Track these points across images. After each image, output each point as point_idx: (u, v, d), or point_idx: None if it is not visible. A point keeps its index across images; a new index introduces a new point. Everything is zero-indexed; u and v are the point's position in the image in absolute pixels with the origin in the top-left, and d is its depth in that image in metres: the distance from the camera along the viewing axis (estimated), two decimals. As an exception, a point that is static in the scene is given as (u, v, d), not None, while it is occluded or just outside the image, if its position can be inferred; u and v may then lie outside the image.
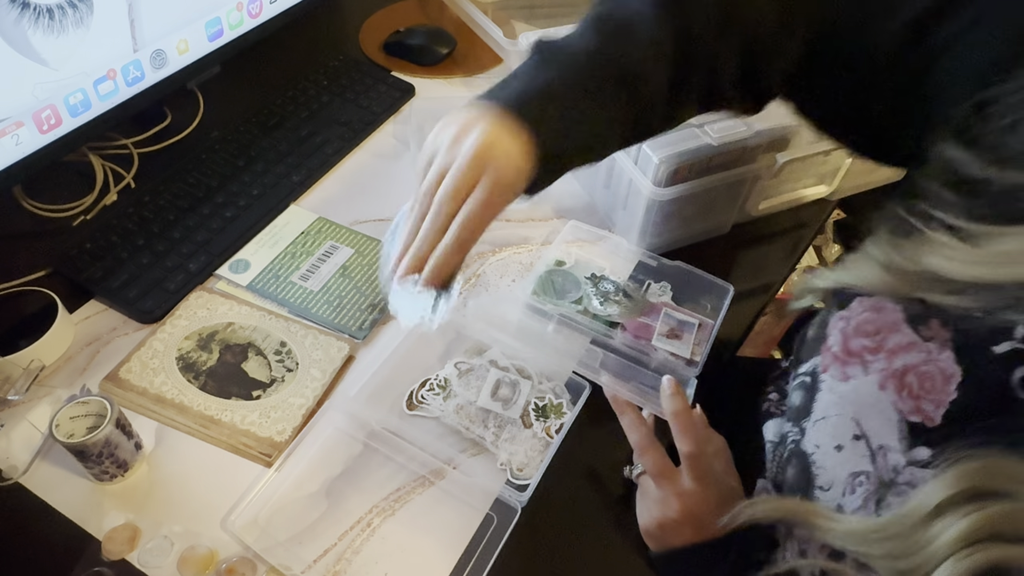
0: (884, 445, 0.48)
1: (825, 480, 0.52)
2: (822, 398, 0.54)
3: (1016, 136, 0.44)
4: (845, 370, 0.53)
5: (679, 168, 0.77)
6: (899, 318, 0.50)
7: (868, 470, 0.49)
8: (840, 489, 0.50)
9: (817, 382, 0.55)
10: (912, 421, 0.47)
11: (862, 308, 0.53)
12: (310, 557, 0.60)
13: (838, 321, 0.54)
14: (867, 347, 0.51)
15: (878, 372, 0.50)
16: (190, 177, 0.87)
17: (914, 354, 0.48)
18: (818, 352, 0.55)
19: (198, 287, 0.77)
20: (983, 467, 0.41)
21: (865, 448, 0.49)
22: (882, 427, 0.49)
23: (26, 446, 0.64)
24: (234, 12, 0.89)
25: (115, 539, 0.59)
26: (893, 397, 0.49)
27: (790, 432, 0.56)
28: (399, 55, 1.10)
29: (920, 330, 0.49)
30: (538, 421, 0.68)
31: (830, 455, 0.52)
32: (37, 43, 0.68)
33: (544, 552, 0.62)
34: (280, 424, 0.67)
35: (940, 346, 0.47)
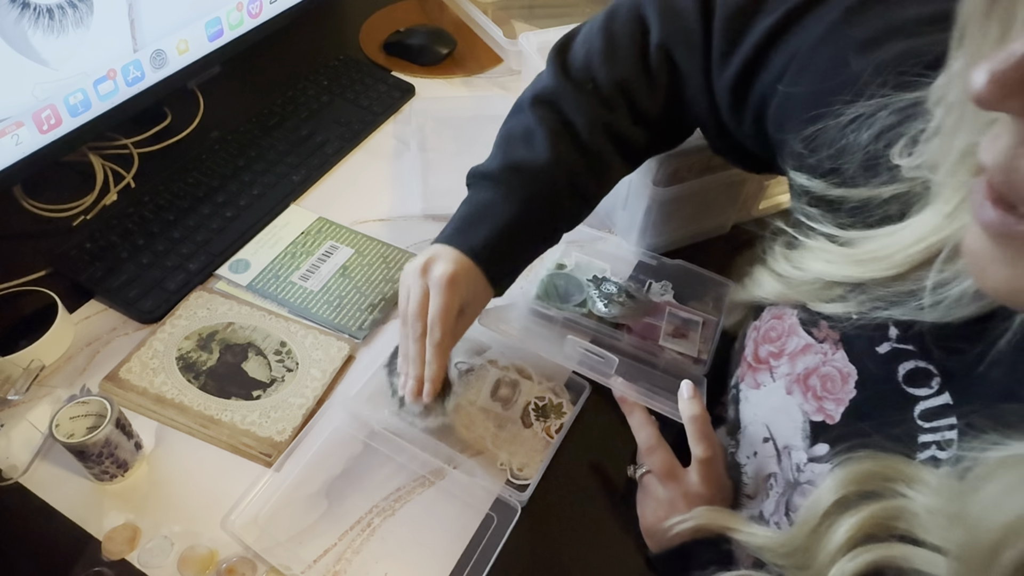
0: (789, 445, 0.51)
1: (752, 489, 0.54)
2: (744, 409, 0.57)
3: (844, 160, 0.48)
4: (756, 377, 0.56)
5: (679, 168, 0.77)
6: (794, 322, 0.53)
7: (775, 471, 0.51)
8: (761, 497, 0.52)
9: (739, 393, 0.58)
10: (815, 421, 0.50)
11: (769, 316, 0.56)
12: (310, 557, 0.60)
13: (751, 331, 0.58)
14: (772, 352, 0.54)
15: (784, 377, 0.53)
16: (190, 177, 0.87)
17: (811, 356, 0.51)
18: (739, 364, 0.59)
19: (198, 287, 0.77)
20: (860, 470, 0.42)
21: (772, 449, 0.52)
22: (787, 428, 0.51)
23: (26, 446, 0.64)
24: (234, 12, 0.89)
25: (115, 539, 0.59)
26: (799, 400, 0.51)
27: (729, 445, 0.59)
28: (399, 55, 1.10)
29: (812, 332, 0.51)
30: (538, 421, 0.68)
31: (751, 462, 0.55)
32: (37, 43, 0.68)
33: (544, 552, 0.62)
34: (280, 424, 0.67)
35: (832, 346, 0.50)
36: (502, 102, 1.02)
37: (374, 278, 0.80)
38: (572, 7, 1.20)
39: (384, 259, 0.82)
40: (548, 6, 1.21)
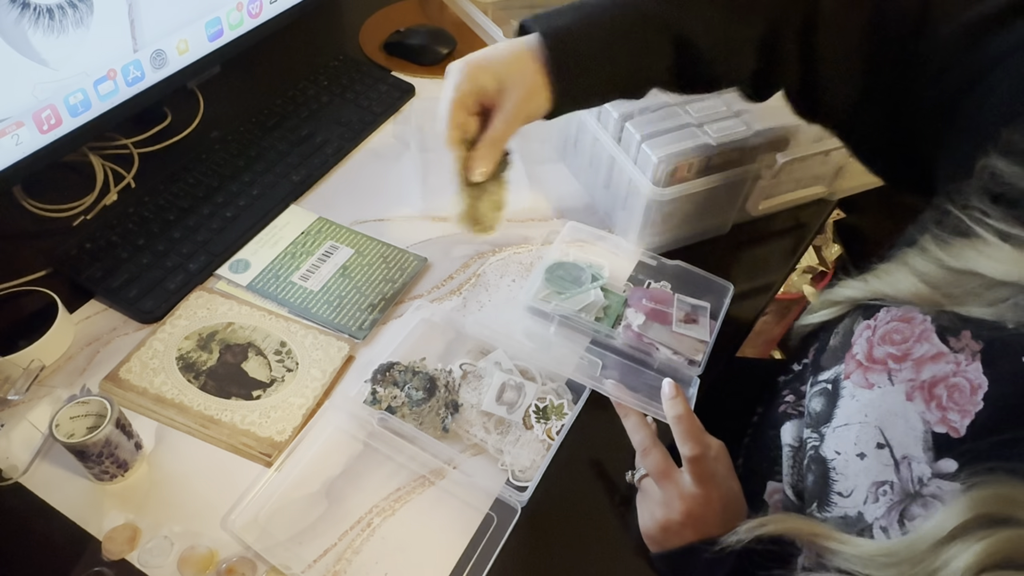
0: (908, 455, 0.48)
1: (845, 487, 0.51)
2: (844, 404, 0.54)
3: None
4: (868, 377, 0.52)
5: (678, 168, 0.77)
6: (928, 328, 0.50)
7: (892, 480, 0.48)
8: (861, 496, 0.50)
9: (839, 388, 0.55)
10: (937, 432, 0.47)
11: (889, 317, 0.53)
12: (310, 557, 0.60)
13: (864, 329, 0.54)
14: (892, 355, 0.51)
15: (905, 382, 0.50)
16: (190, 177, 0.87)
17: (942, 365, 0.48)
18: (841, 360, 0.55)
19: (198, 287, 0.77)
20: (995, 494, 0.41)
21: (889, 457, 0.49)
22: (906, 437, 0.48)
23: (26, 446, 0.64)
24: (234, 12, 0.89)
25: (115, 539, 0.59)
26: (921, 408, 0.48)
27: (809, 438, 0.56)
28: (399, 55, 1.10)
29: (950, 341, 0.48)
30: (539, 423, 0.68)
31: (852, 462, 0.51)
32: (37, 43, 0.68)
33: (544, 552, 0.62)
34: (280, 424, 0.67)
35: (969, 357, 0.47)
36: (502, 102, 1.03)
37: (374, 278, 0.80)
38: (572, 7, 1.20)
39: (384, 259, 0.82)
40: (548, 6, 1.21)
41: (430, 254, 0.83)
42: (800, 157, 0.81)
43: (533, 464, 0.66)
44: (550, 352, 0.74)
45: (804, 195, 0.91)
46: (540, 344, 0.74)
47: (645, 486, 0.62)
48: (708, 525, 0.57)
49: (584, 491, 0.66)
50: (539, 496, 0.64)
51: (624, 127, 0.80)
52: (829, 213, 0.97)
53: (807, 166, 0.85)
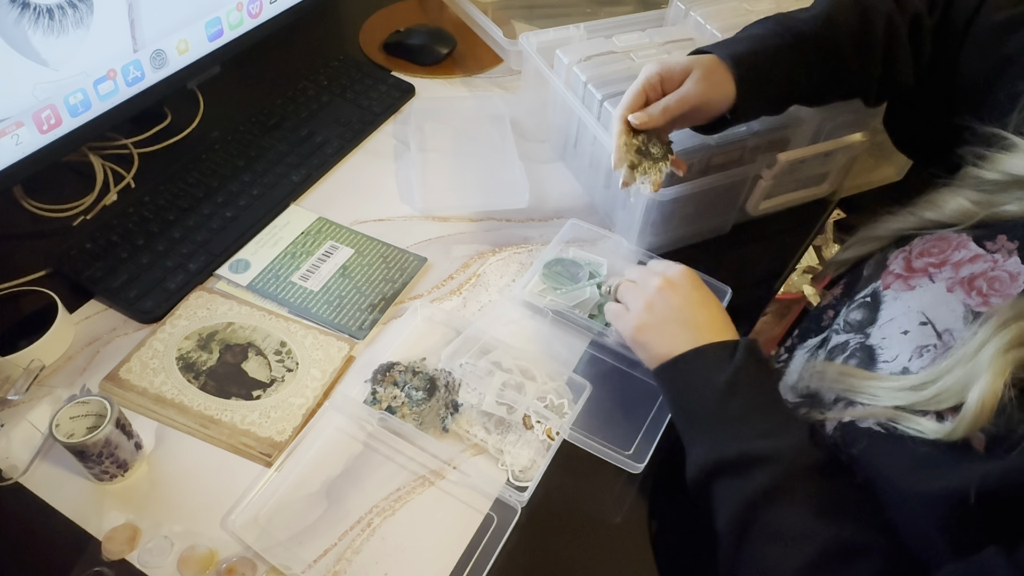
0: (949, 328, 0.52)
1: (889, 355, 0.54)
2: (887, 307, 0.58)
3: None
4: (910, 282, 0.57)
5: (679, 168, 0.77)
6: (964, 239, 0.55)
7: (935, 343, 0.52)
8: (906, 356, 0.53)
9: (880, 297, 0.59)
10: (978, 311, 0.51)
11: (924, 240, 0.58)
12: (310, 557, 0.60)
13: (899, 253, 0.60)
14: (931, 263, 0.56)
15: (945, 280, 0.54)
16: (190, 177, 0.87)
17: (980, 264, 0.53)
18: (877, 279, 0.60)
19: (198, 287, 0.77)
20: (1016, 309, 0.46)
21: (931, 331, 0.53)
22: (948, 316, 0.53)
23: (26, 446, 0.64)
24: (234, 12, 0.89)
25: (115, 539, 0.59)
26: (962, 296, 0.53)
27: (853, 338, 0.59)
28: (399, 55, 1.10)
29: (986, 245, 0.54)
30: (539, 423, 0.68)
31: (895, 339, 0.55)
32: (37, 43, 0.68)
33: (544, 552, 0.62)
34: (280, 424, 0.67)
35: (1006, 255, 0.52)
36: (502, 102, 1.03)
37: (374, 278, 0.80)
38: (572, 7, 1.20)
39: (384, 259, 0.82)
40: (548, 6, 1.21)
41: (430, 254, 0.83)
42: (800, 157, 0.81)
43: (533, 464, 0.66)
44: (549, 349, 0.74)
45: (804, 195, 0.91)
46: (540, 341, 0.74)
47: (622, 292, 0.68)
48: (695, 295, 0.63)
49: (584, 492, 0.66)
50: (539, 496, 0.64)
51: (624, 127, 0.79)
52: (829, 213, 0.97)
53: (807, 166, 0.85)
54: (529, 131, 1.00)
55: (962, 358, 0.47)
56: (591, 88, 0.83)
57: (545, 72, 0.90)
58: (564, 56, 0.87)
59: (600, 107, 0.82)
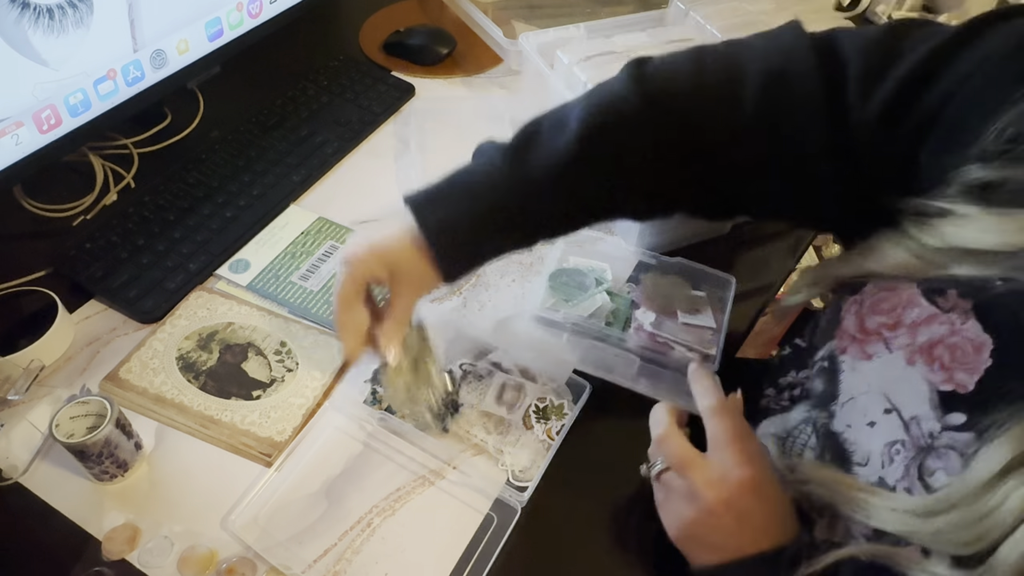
0: (916, 415, 0.48)
1: (861, 456, 0.51)
2: (846, 379, 0.54)
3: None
4: (865, 348, 0.53)
5: (679, 168, 0.77)
6: (914, 292, 0.50)
7: (903, 438, 0.48)
8: (878, 461, 0.49)
9: (837, 364, 0.55)
10: (943, 391, 0.47)
11: (876, 289, 0.53)
12: (310, 557, 0.60)
13: (851, 304, 0.55)
14: (884, 324, 0.52)
15: (903, 348, 0.50)
16: (190, 177, 0.87)
17: (936, 327, 0.49)
18: (832, 337, 0.56)
19: (198, 287, 0.77)
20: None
21: (897, 419, 0.49)
22: (912, 399, 0.49)
23: (26, 446, 0.64)
24: (234, 12, 0.89)
25: (115, 539, 0.59)
26: (923, 370, 0.49)
27: (818, 417, 0.56)
28: (399, 55, 1.10)
29: (938, 302, 0.49)
30: (539, 423, 0.68)
31: (863, 431, 0.51)
32: (37, 43, 0.68)
33: (544, 552, 0.62)
34: (280, 424, 0.67)
35: (962, 316, 0.48)
36: (502, 102, 1.03)
37: (374, 278, 0.80)
38: (572, 7, 1.20)
39: (384, 259, 0.82)
40: (548, 6, 1.21)
41: (430, 254, 0.83)
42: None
43: (533, 464, 0.66)
44: (560, 361, 0.73)
45: (804, 195, 0.91)
46: (551, 354, 0.73)
47: (666, 480, 0.56)
48: (751, 515, 0.52)
49: (584, 491, 0.66)
50: (539, 496, 0.64)
51: (624, 127, 0.79)
52: (829, 213, 0.96)
53: (807, 166, 0.85)
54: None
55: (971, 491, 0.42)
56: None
57: (545, 72, 0.90)
58: (564, 56, 0.87)
59: (600, 107, 0.82)
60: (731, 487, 0.52)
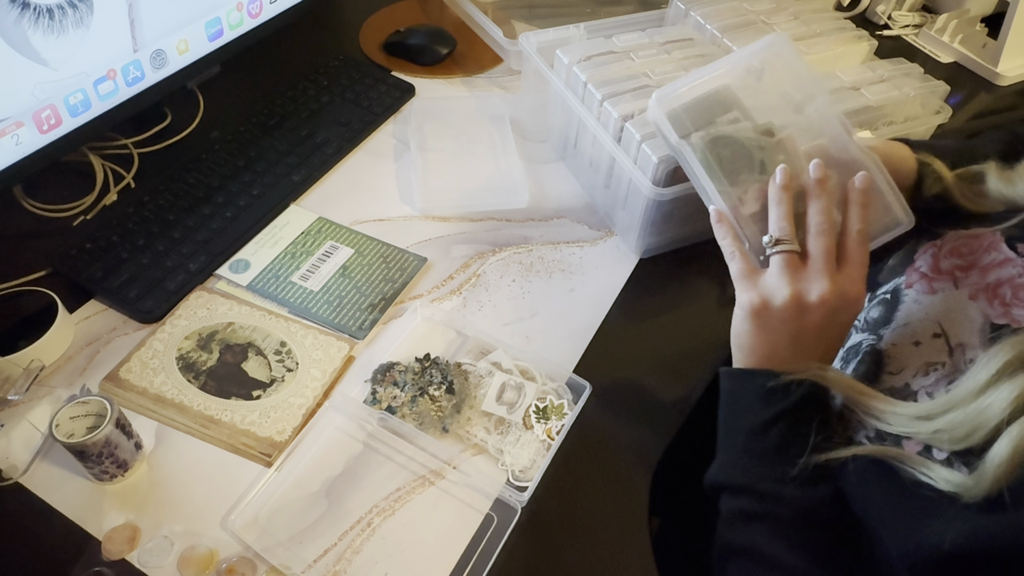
0: (963, 343, 0.50)
1: (895, 367, 0.53)
2: (905, 308, 0.56)
3: None
4: (933, 285, 0.55)
5: (679, 168, 0.77)
6: (997, 239, 0.53)
7: (944, 361, 0.50)
8: (911, 372, 0.52)
9: (900, 296, 0.57)
10: (997, 323, 0.49)
11: (957, 236, 0.56)
12: (310, 557, 0.60)
13: (929, 247, 0.57)
14: (959, 265, 0.54)
15: (970, 286, 0.52)
16: (190, 177, 0.87)
17: (1008, 269, 0.51)
18: (901, 274, 0.58)
19: (198, 287, 0.77)
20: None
21: (944, 344, 0.51)
22: (964, 329, 0.51)
23: (26, 446, 0.64)
24: (234, 12, 0.89)
25: (115, 539, 0.59)
26: (983, 305, 0.51)
27: (865, 339, 0.58)
28: (399, 55, 1.10)
29: (1018, 248, 0.51)
30: (539, 423, 0.68)
31: (906, 348, 0.53)
32: (37, 43, 0.68)
33: (544, 552, 0.62)
34: (280, 424, 0.67)
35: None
36: (502, 102, 1.03)
37: (374, 278, 0.80)
38: (572, 7, 1.20)
39: (384, 259, 0.82)
40: (548, 6, 1.21)
41: (430, 254, 0.83)
42: (800, 157, 0.81)
43: (533, 464, 0.66)
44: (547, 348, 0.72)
45: (804, 195, 0.91)
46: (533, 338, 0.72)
47: (784, 263, 0.54)
48: (826, 334, 0.53)
49: (584, 491, 0.66)
50: (539, 496, 0.64)
51: (624, 127, 0.80)
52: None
53: (807, 166, 0.85)
54: (529, 131, 1.00)
55: (969, 393, 0.45)
56: (591, 88, 0.83)
57: (545, 72, 0.91)
58: (564, 56, 0.87)
59: (600, 107, 0.82)
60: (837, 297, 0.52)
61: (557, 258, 0.85)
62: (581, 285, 0.82)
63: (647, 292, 0.83)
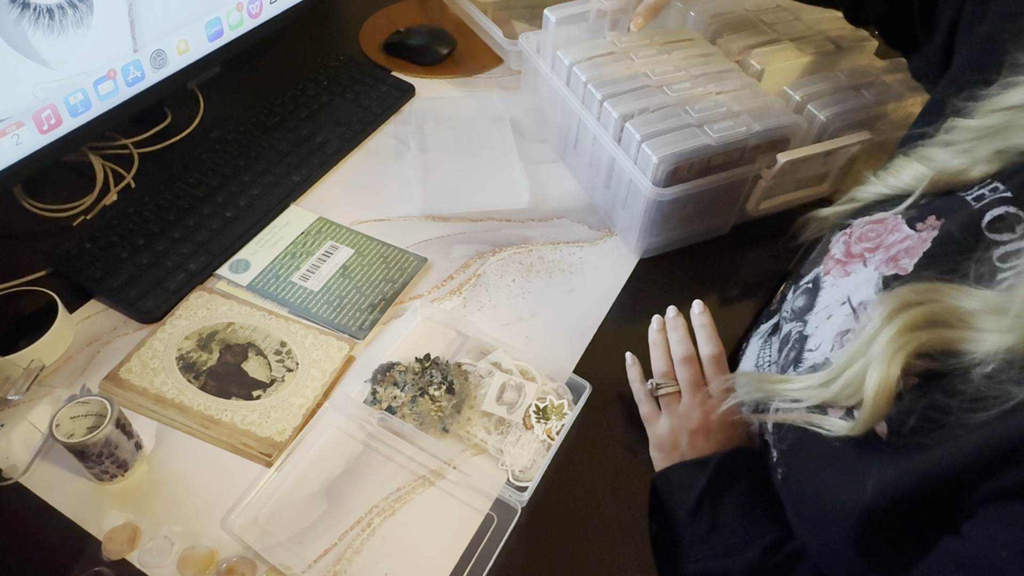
0: (864, 301, 0.54)
1: (814, 343, 0.57)
2: (824, 294, 0.60)
3: None
4: (846, 268, 0.59)
5: (679, 168, 0.77)
6: (899, 221, 0.57)
7: (853, 327, 0.54)
8: (828, 346, 0.55)
9: (819, 283, 0.61)
10: (887, 275, 0.54)
11: (863, 222, 0.61)
12: (310, 557, 0.60)
13: (841, 235, 0.62)
14: (867, 248, 0.58)
15: (876, 262, 0.56)
16: (190, 177, 0.87)
17: (907, 242, 0.55)
18: (820, 263, 0.63)
19: (198, 287, 0.77)
20: (914, 287, 0.47)
21: (849, 309, 0.55)
22: (864, 290, 0.55)
23: (26, 446, 0.64)
24: (234, 12, 0.89)
25: (115, 539, 0.59)
26: (883, 269, 0.55)
27: (794, 328, 0.62)
28: (399, 55, 1.10)
29: (916, 226, 0.55)
30: (539, 423, 0.68)
31: (823, 325, 0.58)
32: (37, 43, 0.68)
33: (544, 552, 0.62)
34: (280, 424, 0.67)
35: (930, 230, 0.54)
36: (502, 102, 1.03)
37: (374, 278, 0.80)
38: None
39: (384, 259, 0.82)
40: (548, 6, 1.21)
41: (430, 254, 0.83)
42: (800, 157, 0.81)
43: (533, 464, 0.66)
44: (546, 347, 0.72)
45: (804, 195, 0.91)
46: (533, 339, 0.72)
47: (668, 400, 0.67)
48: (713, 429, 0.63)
49: (584, 491, 0.66)
50: (539, 496, 0.64)
51: (624, 127, 0.80)
52: (829, 213, 0.96)
53: (807, 166, 0.85)
54: (529, 131, 1.00)
55: (858, 349, 0.48)
56: (591, 88, 0.83)
57: (545, 72, 0.91)
58: (564, 56, 0.87)
59: (600, 107, 0.82)
60: (712, 408, 0.64)
61: (557, 258, 0.85)
62: (581, 285, 0.82)
63: (647, 292, 0.83)
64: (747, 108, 0.81)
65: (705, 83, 0.84)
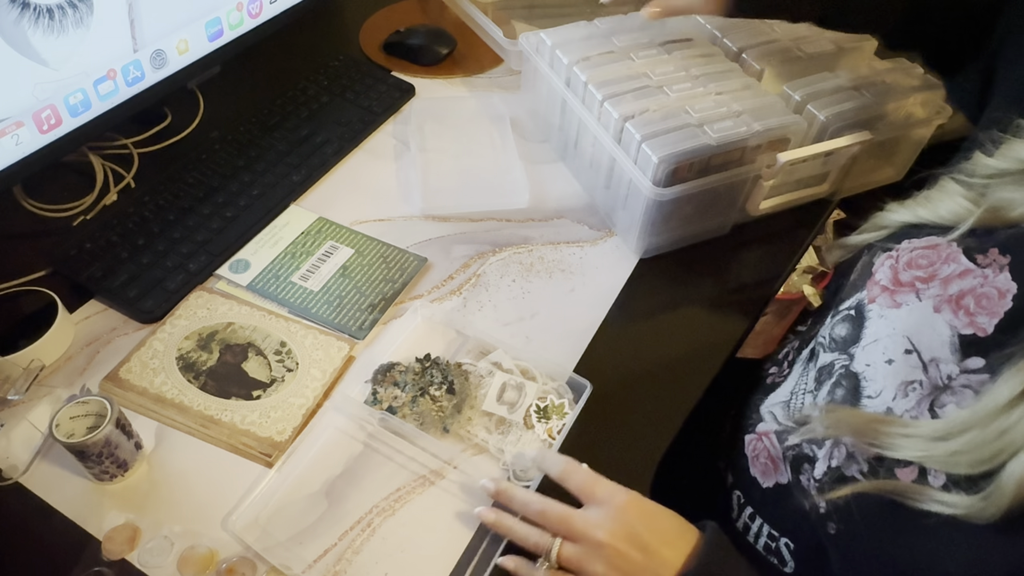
0: (936, 358, 0.50)
1: (873, 390, 0.53)
2: (872, 324, 0.56)
3: None
4: (895, 298, 0.55)
5: (679, 168, 0.77)
6: (955, 251, 0.52)
7: (921, 379, 0.50)
8: (890, 394, 0.51)
9: (864, 312, 0.57)
10: (964, 334, 0.49)
11: (912, 247, 0.56)
12: (310, 557, 0.59)
13: (886, 259, 0.57)
14: (919, 277, 0.54)
15: (932, 298, 0.52)
16: (190, 177, 0.87)
17: (969, 280, 0.51)
18: (862, 288, 0.58)
19: (198, 287, 0.77)
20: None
21: (917, 360, 0.51)
22: (933, 342, 0.51)
23: (26, 446, 0.64)
24: (234, 12, 0.89)
25: (115, 539, 0.59)
26: (949, 317, 0.50)
27: (838, 360, 0.58)
28: (399, 55, 1.10)
29: (977, 259, 0.51)
30: (540, 423, 0.68)
31: (880, 368, 0.53)
32: (37, 43, 0.68)
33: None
34: (280, 424, 0.67)
35: (996, 270, 0.49)
36: (502, 102, 1.03)
37: (374, 278, 0.80)
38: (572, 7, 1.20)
39: (384, 259, 0.82)
40: (548, 6, 1.21)
41: (430, 254, 0.83)
42: (800, 157, 0.81)
43: (533, 464, 0.66)
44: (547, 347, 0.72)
45: (804, 195, 0.91)
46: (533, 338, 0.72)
47: (566, 557, 0.56)
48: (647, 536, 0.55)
49: (584, 491, 0.66)
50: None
51: (624, 127, 0.80)
52: (829, 213, 0.96)
53: (807, 166, 0.85)
54: (529, 131, 1.00)
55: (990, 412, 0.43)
56: (591, 88, 0.83)
57: (545, 72, 0.91)
58: (564, 56, 0.87)
59: (600, 107, 0.82)
60: (615, 519, 0.55)
61: (557, 258, 0.85)
62: (581, 285, 0.82)
63: (647, 292, 0.83)
64: (747, 108, 0.81)
65: (705, 83, 0.84)
